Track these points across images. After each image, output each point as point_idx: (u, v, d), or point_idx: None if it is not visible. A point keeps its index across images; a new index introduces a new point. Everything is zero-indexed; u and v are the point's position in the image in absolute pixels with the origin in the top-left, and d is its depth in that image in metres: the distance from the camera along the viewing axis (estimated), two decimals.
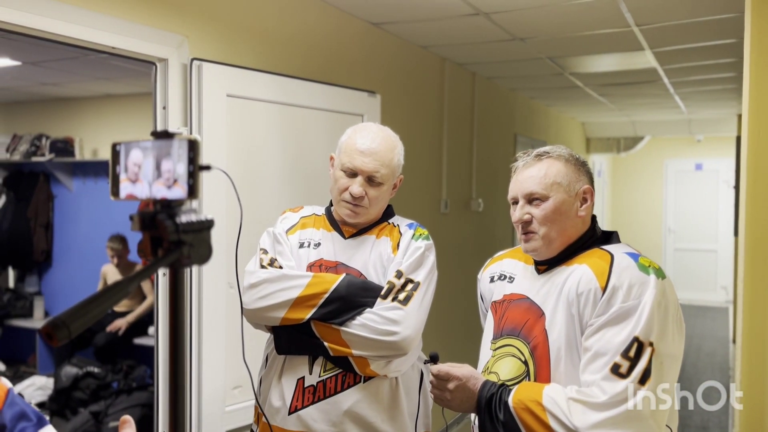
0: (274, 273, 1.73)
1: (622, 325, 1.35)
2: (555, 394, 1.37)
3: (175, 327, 0.85)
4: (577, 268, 1.46)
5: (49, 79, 4.36)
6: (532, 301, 1.52)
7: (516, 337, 1.52)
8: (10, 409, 0.95)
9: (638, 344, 1.33)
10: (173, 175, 0.83)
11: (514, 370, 1.49)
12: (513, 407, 1.40)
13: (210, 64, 2.30)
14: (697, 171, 9.63)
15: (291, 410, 1.72)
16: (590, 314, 1.39)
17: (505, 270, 1.65)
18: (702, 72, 4.66)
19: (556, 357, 1.43)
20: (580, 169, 1.54)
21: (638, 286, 1.37)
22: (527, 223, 1.50)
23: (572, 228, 1.50)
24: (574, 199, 1.50)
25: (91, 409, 3.75)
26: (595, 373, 1.35)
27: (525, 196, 1.51)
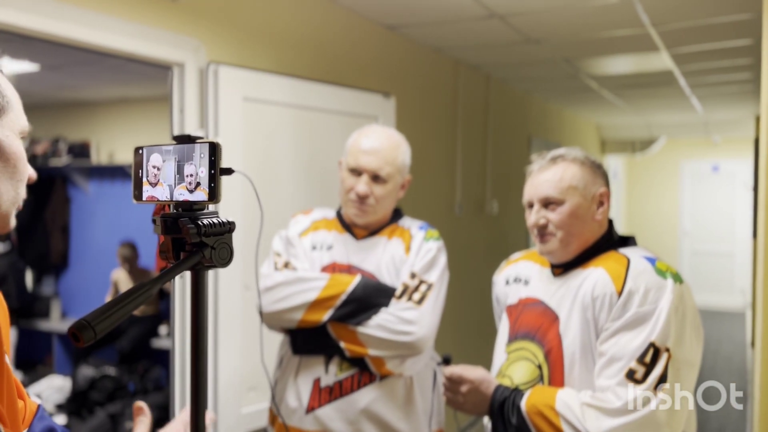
0: (290, 275, 1.74)
1: (638, 330, 1.33)
2: (569, 399, 1.36)
3: (197, 329, 0.85)
4: (592, 271, 1.44)
5: (67, 83, 4.41)
6: (547, 305, 1.51)
7: (530, 340, 1.51)
8: (40, 422, 0.98)
9: (654, 350, 1.31)
10: (195, 179, 0.84)
11: (528, 373, 1.49)
12: (526, 411, 1.39)
13: (226, 68, 2.32)
14: (714, 173, 9.53)
15: (308, 410, 1.74)
16: (605, 318, 1.38)
17: (521, 273, 1.65)
18: (719, 73, 4.62)
19: (570, 361, 1.42)
20: (596, 172, 1.52)
21: (655, 290, 1.35)
22: (543, 227, 1.49)
23: (589, 232, 1.49)
24: (591, 202, 1.49)
25: (108, 411, 3.78)
26: (610, 378, 1.34)
27: (541, 200, 1.50)
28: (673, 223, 9.76)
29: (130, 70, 3.77)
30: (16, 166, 0.82)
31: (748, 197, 8.14)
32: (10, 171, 0.81)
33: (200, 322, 0.85)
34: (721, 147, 9.14)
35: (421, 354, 1.72)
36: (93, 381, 4.03)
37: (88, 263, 5.17)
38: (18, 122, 0.83)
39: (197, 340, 0.85)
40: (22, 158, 0.83)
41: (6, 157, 0.80)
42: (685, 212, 9.72)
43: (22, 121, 0.84)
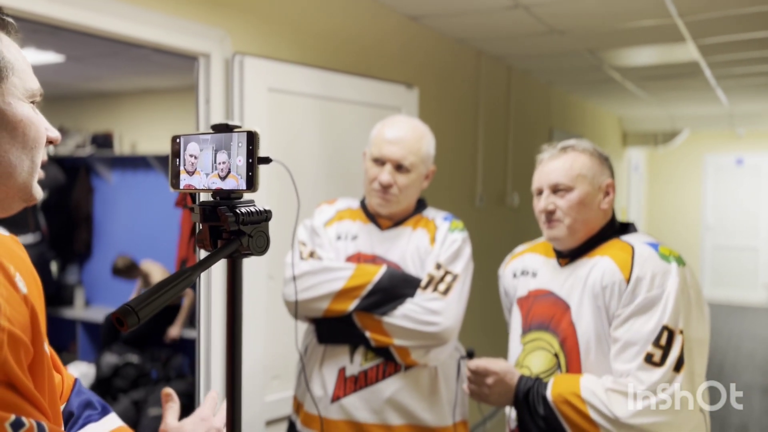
0: (316, 265, 1.75)
1: (649, 314, 1.39)
2: (593, 386, 1.40)
3: (234, 317, 0.86)
4: (599, 260, 1.49)
5: (91, 74, 4.45)
6: (557, 295, 1.56)
7: (545, 330, 1.56)
8: (78, 397, 0.98)
9: (668, 332, 1.37)
10: (232, 168, 0.84)
11: (545, 362, 1.53)
12: (552, 401, 1.44)
13: (252, 59, 2.33)
14: (738, 166, 9.38)
15: (333, 399, 1.75)
16: (616, 305, 1.43)
17: (527, 265, 1.69)
18: (746, 64, 4.54)
19: (585, 348, 1.47)
20: (604, 164, 1.58)
21: (661, 275, 1.40)
22: (551, 213, 1.54)
23: (594, 220, 1.54)
24: (598, 191, 1.54)
25: (131, 397, 3.84)
26: (627, 362, 1.39)
27: (550, 186, 1.55)
28: (696, 217, 9.63)
29: (153, 61, 3.80)
30: (26, 133, 0.76)
31: None
32: (19, 141, 0.75)
33: (236, 309, 0.86)
34: (745, 140, 8.99)
35: (446, 344, 1.73)
36: (116, 368, 4.08)
37: (111, 252, 5.23)
38: (23, 86, 0.77)
39: (233, 326, 0.86)
40: (31, 123, 0.77)
41: (13, 126, 0.74)
42: (708, 206, 9.59)
43: (29, 83, 0.78)
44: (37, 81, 0.80)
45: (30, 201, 0.80)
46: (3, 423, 0.62)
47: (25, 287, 0.71)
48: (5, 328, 0.64)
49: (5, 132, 0.74)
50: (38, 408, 0.68)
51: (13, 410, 0.65)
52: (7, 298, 0.66)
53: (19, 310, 0.67)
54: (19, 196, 0.78)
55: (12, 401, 0.65)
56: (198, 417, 1.03)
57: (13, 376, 0.65)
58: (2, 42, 0.76)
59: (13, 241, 0.90)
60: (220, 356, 2.37)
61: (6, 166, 0.75)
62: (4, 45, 0.76)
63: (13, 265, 0.79)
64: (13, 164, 0.75)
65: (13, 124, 0.75)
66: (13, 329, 0.65)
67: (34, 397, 0.67)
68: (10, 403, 0.64)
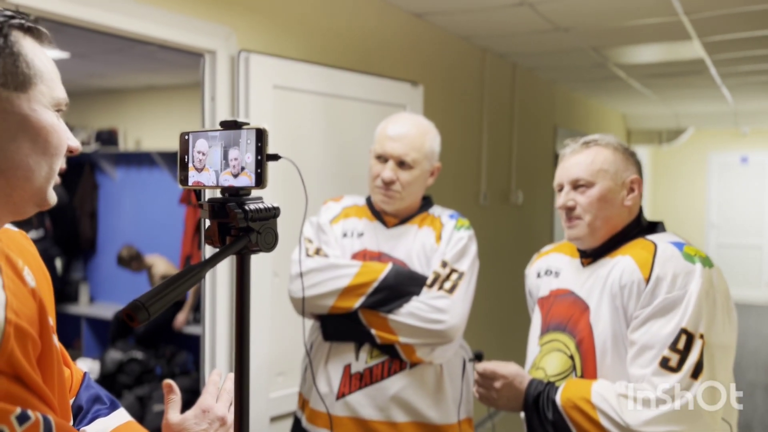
0: (322, 262, 1.75)
1: (668, 316, 1.32)
2: (604, 391, 1.34)
3: (242, 312, 0.86)
4: (620, 259, 1.43)
5: (96, 70, 4.46)
6: (577, 295, 1.50)
7: (562, 331, 1.51)
8: (87, 391, 0.99)
9: (687, 336, 1.30)
10: (241, 164, 0.85)
11: (560, 365, 1.48)
12: (562, 406, 1.38)
13: (257, 56, 2.33)
14: (743, 164, 9.36)
15: (338, 396, 1.75)
16: (634, 306, 1.37)
17: (551, 265, 1.64)
18: (752, 62, 4.53)
19: (602, 350, 1.41)
20: (629, 159, 1.51)
21: (683, 275, 1.33)
22: (571, 210, 1.49)
23: (617, 217, 1.48)
24: (621, 187, 1.48)
25: (135, 393, 3.85)
26: (643, 366, 1.33)
27: (571, 182, 1.50)
28: (700, 216, 9.61)
29: (158, 58, 3.81)
30: (48, 140, 0.78)
31: None
32: (41, 147, 0.77)
33: (245, 304, 0.87)
34: (750, 138, 8.97)
35: (452, 342, 1.73)
36: (121, 364, 4.10)
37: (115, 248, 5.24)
38: (50, 94, 0.79)
39: (241, 321, 0.86)
40: (54, 131, 0.79)
41: (36, 132, 0.77)
42: (712, 204, 9.57)
43: (56, 92, 0.80)
44: (64, 91, 0.83)
45: (43, 206, 0.81)
46: (8, 416, 0.63)
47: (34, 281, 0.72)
48: (12, 321, 0.65)
49: (27, 137, 0.76)
50: (45, 402, 0.68)
51: (19, 403, 0.65)
52: (15, 292, 0.67)
53: (27, 304, 0.68)
54: (33, 201, 0.79)
55: (18, 394, 0.65)
56: (200, 408, 1.03)
57: (20, 369, 0.65)
58: (33, 50, 0.79)
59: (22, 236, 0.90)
60: (225, 352, 2.37)
61: (25, 170, 0.77)
62: (35, 53, 0.79)
63: (22, 259, 0.79)
64: (31, 169, 0.77)
65: (36, 130, 0.77)
66: (20, 322, 0.65)
67: (41, 391, 0.68)
68: (16, 397, 0.64)
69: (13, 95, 0.75)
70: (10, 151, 0.75)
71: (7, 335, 0.64)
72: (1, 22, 0.75)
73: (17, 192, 0.77)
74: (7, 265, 0.68)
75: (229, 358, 2.38)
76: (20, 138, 0.76)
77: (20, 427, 0.63)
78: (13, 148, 0.75)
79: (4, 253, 0.69)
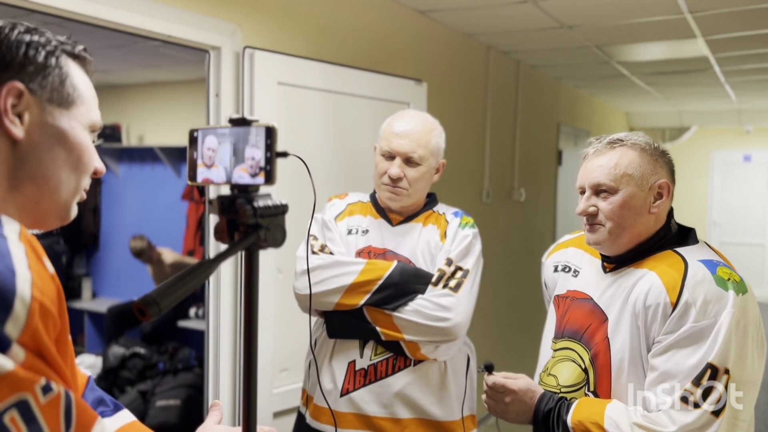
0: (327, 259, 1.75)
1: (694, 347, 1.23)
2: (618, 417, 1.27)
3: (250, 307, 0.87)
4: (646, 273, 1.33)
5: (99, 66, 4.45)
6: (596, 303, 1.42)
7: (578, 341, 1.43)
8: (92, 393, 1.01)
9: (712, 370, 1.21)
10: (251, 161, 0.85)
11: (573, 376, 1.42)
12: (572, 428, 1.32)
13: (262, 52, 2.33)
14: (746, 163, 9.34)
15: (342, 392, 1.76)
16: (658, 330, 1.27)
17: (570, 261, 1.56)
18: (756, 61, 4.52)
19: (618, 368, 1.34)
20: (658, 161, 1.39)
21: (714, 303, 1.23)
22: (592, 216, 1.39)
23: (643, 225, 1.37)
24: (647, 193, 1.36)
25: (138, 389, 3.86)
26: (662, 395, 1.25)
27: (592, 186, 1.39)
28: (703, 214, 9.60)
29: (161, 53, 3.81)
30: (80, 157, 0.84)
31: None
32: (73, 162, 0.83)
33: (253, 300, 0.87)
34: (753, 136, 8.95)
35: (456, 340, 1.73)
36: (123, 359, 4.11)
37: (118, 244, 5.25)
38: (88, 116, 0.86)
39: (250, 317, 0.87)
40: (87, 150, 0.85)
41: (70, 147, 0.82)
42: (715, 203, 9.56)
43: (93, 115, 0.87)
44: (99, 116, 0.90)
45: (65, 221, 0.86)
46: (33, 385, 0.64)
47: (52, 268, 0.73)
48: (37, 298, 0.66)
49: (63, 151, 0.82)
50: (64, 380, 0.70)
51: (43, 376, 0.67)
52: (38, 273, 0.69)
53: (49, 286, 0.70)
54: (57, 213, 0.85)
55: (41, 369, 0.67)
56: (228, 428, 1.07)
57: (43, 346, 0.67)
58: (78, 75, 0.86)
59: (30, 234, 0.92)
60: (228, 348, 2.38)
61: (56, 182, 0.82)
62: (80, 78, 0.86)
63: None
64: (62, 181, 0.83)
65: (71, 145, 0.83)
66: (44, 300, 0.67)
67: (60, 369, 0.69)
68: (39, 371, 0.66)
69: (56, 110, 0.82)
70: (46, 160, 0.81)
71: (32, 312, 0.65)
72: (55, 46, 0.83)
73: (45, 201, 0.82)
74: (30, 248, 0.70)
75: (232, 354, 2.39)
76: (56, 150, 0.81)
77: (44, 398, 0.65)
78: (49, 159, 0.81)
79: (27, 237, 0.71)
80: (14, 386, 0.63)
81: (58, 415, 0.67)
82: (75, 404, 0.69)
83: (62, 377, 0.69)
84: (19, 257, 0.68)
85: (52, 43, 0.83)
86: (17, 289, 0.65)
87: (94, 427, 0.71)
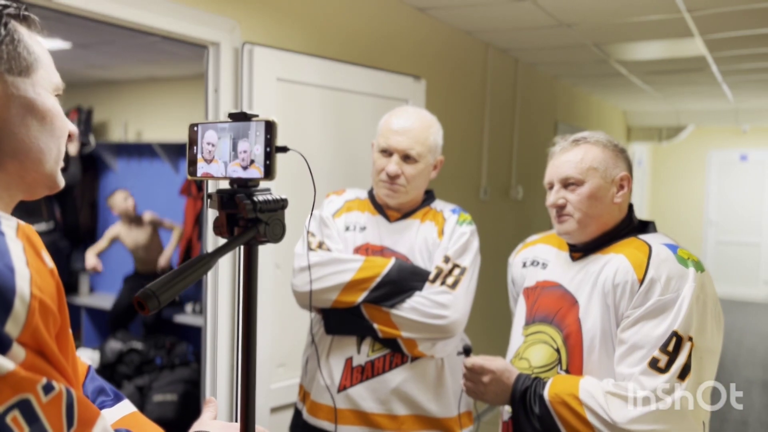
0: (325, 256, 1.75)
1: (659, 318, 1.33)
2: (592, 388, 1.36)
3: (249, 302, 0.87)
4: (613, 257, 1.44)
5: (97, 61, 4.45)
6: (566, 288, 1.51)
7: (549, 324, 1.52)
8: (92, 383, 1.01)
9: (677, 338, 1.31)
10: (250, 156, 0.85)
11: (545, 357, 1.49)
12: (549, 401, 1.40)
13: (261, 48, 2.33)
14: (742, 162, 9.37)
15: (339, 389, 1.76)
16: (626, 306, 1.38)
17: (538, 256, 1.65)
18: (753, 60, 4.53)
19: (589, 346, 1.43)
20: (618, 156, 1.52)
21: (677, 279, 1.35)
22: (561, 207, 1.51)
23: (608, 214, 1.49)
24: (610, 185, 1.49)
25: (135, 383, 3.87)
26: (632, 366, 1.35)
27: (561, 180, 1.51)
28: (699, 213, 9.63)
29: (159, 49, 3.80)
30: (53, 122, 0.81)
31: None
32: (48, 129, 0.80)
33: (252, 295, 0.88)
34: (749, 136, 8.97)
35: (453, 337, 1.74)
36: (120, 354, 4.11)
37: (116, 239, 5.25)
38: (50, 79, 0.82)
39: (249, 312, 0.87)
40: (58, 115, 0.82)
41: (41, 115, 0.79)
42: (711, 202, 9.59)
43: (54, 78, 0.83)
44: (59, 76, 0.85)
45: (54, 189, 0.84)
46: (35, 385, 0.64)
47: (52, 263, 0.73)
48: (37, 296, 0.66)
49: (36, 120, 0.79)
50: (65, 377, 0.70)
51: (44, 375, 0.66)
52: (37, 269, 0.68)
53: (48, 282, 0.69)
54: (45, 183, 0.82)
55: (42, 368, 0.66)
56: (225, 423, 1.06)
57: (44, 344, 0.67)
58: (30, 37, 0.81)
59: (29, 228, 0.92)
60: (226, 343, 2.39)
61: (37, 152, 0.79)
62: (32, 40, 0.81)
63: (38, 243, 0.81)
64: (42, 150, 0.80)
65: (42, 112, 0.80)
66: (43, 298, 0.67)
67: (62, 366, 0.69)
68: (39, 369, 0.66)
69: (18, 80, 0.78)
70: (21, 134, 0.78)
71: (32, 310, 0.65)
72: (0, 13, 0.77)
73: (31, 174, 0.80)
74: (29, 244, 0.69)
75: (230, 349, 2.39)
76: (29, 121, 0.78)
77: (45, 397, 0.65)
78: (24, 131, 0.78)
79: (25, 233, 0.70)
80: (15, 386, 0.63)
81: (60, 414, 0.67)
82: (77, 401, 0.69)
83: (63, 374, 0.69)
84: (17, 254, 0.67)
85: None
86: (17, 288, 0.64)
87: (96, 423, 0.71)
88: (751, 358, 6.20)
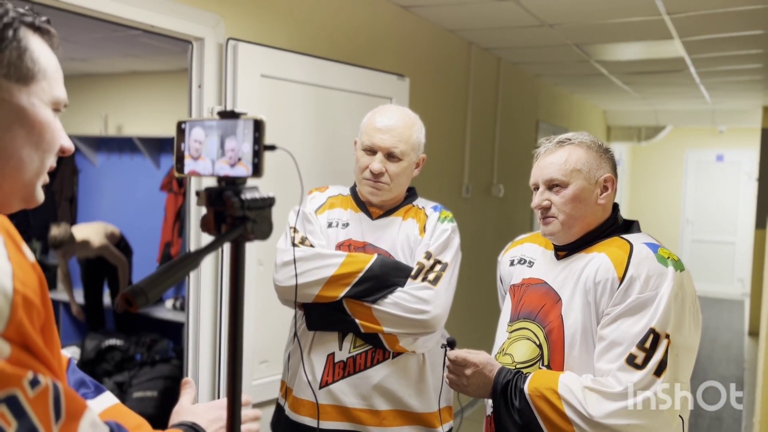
0: (308, 251, 1.77)
1: (638, 315, 1.36)
2: (570, 383, 1.39)
3: (236, 299, 0.88)
4: (595, 256, 1.47)
5: (78, 55, 4.40)
6: (550, 286, 1.54)
7: (532, 320, 1.54)
8: (73, 375, 1.00)
9: (654, 335, 1.34)
10: (237, 154, 0.86)
11: (528, 352, 1.52)
12: (529, 395, 1.42)
13: (245, 45, 2.33)
14: (719, 162, 9.54)
15: (321, 384, 1.77)
16: (607, 303, 1.41)
17: (525, 254, 1.68)
18: (729, 62, 4.62)
19: (570, 342, 1.45)
20: (602, 157, 1.55)
21: (656, 277, 1.38)
22: (546, 209, 1.53)
23: (592, 215, 1.52)
24: (594, 186, 1.51)
25: (115, 380, 3.84)
26: (610, 362, 1.37)
27: (545, 182, 1.53)
28: (676, 212, 9.79)
29: (141, 43, 3.77)
30: (41, 135, 0.80)
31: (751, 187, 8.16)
32: (34, 140, 0.79)
33: (238, 291, 0.88)
34: (726, 136, 9.14)
35: (434, 332, 1.76)
36: (101, 351, 4.08)
37: None
38: (50, 92, 0.81)
39: (235, 309, 0.88)
40: (50, 128, 0.81)
41: (30, 125, 0.78)
42: (688, 201, 9.75)
43: (56, 92, 0.83)
44: (64, 92, 0.84)
45: (30, 203, 0.83)
46: (21, 380, 0.64)
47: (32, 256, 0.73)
48: (19, 291, 0.66)
49: (23, 129, 0.78)
50: (51, 370, 0.70)
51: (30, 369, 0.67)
52: (18, 263, 0.68)
53: (30, 275, 0.69)
54: (21, 195, 0.81)
55: (28, 362, 0.66)
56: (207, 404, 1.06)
57: (28, 339, 0.67)
58: (41, 48, 0.81)
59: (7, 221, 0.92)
60: (208, 339, 2.38)
61: (17, 162, 0.79)
62: (42, 51, 0.81)
63: None
64: (23, 161, 0.79)
65: (31, 123, 0.79)
66: (26, 292, 0.67)
67: (47, 360, 0.69)
68: (25, 364, 0.66)
69: (13, 87, 0.77)
70: (5, 140, 0.77)
71: (15, 305, 0.65)
72: (13, 18, 0.78)
73: (6, 182, 0.79)
74: (8, 238, 0.69)
75: (212, 346, 2.39)
76: (15, 129, 0.78)
77: (32, 392, 0.65)
78: (8, 138, 0.77)
79: (4, 226, 0.70)
80: (2, 382, 0.63)
81: (48, 407, 0.67)
82: (64, 394, 0.69)
83: (49, 368, 0.70)
84: None
85: (9, 14, 0.78)
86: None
87: (84, 416, 0.72)
88: (725, 355, 6.32)
